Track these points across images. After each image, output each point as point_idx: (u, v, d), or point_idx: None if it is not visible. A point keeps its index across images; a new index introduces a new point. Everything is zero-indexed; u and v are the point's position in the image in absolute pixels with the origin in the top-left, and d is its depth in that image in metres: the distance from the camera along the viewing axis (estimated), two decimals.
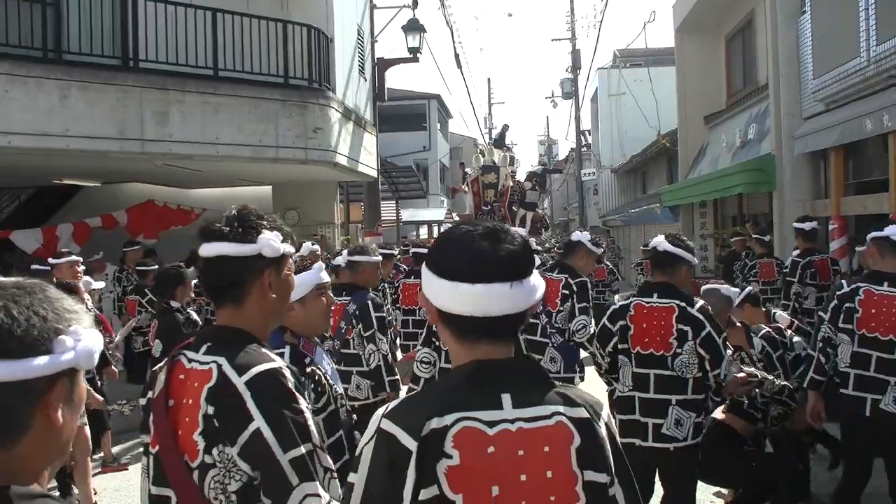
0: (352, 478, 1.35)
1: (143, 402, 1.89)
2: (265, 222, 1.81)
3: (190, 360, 1.73)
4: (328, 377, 2.49)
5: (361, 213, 17.86)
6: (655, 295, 3.78)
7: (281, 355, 2.02)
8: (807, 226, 7.04)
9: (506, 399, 1.34)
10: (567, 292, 5.39)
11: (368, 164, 13.08)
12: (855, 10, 8.15)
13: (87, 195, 13.25)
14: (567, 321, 5.36)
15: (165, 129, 8.67)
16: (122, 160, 8.96)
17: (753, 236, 9.91)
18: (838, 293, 4.20)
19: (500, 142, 19.07)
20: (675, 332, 3.67)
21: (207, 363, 1.68)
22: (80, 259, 6.95)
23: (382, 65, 14.76)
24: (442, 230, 2.20)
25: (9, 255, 11.01)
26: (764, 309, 5.10)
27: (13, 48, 7.79)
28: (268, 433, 1.58)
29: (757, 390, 4.39)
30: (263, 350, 1.73)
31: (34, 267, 6.44)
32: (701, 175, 14.34)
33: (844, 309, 4.11)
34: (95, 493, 5.51)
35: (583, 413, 1.36)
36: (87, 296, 6.01)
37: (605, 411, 1.43)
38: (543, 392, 1.37)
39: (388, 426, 1.33)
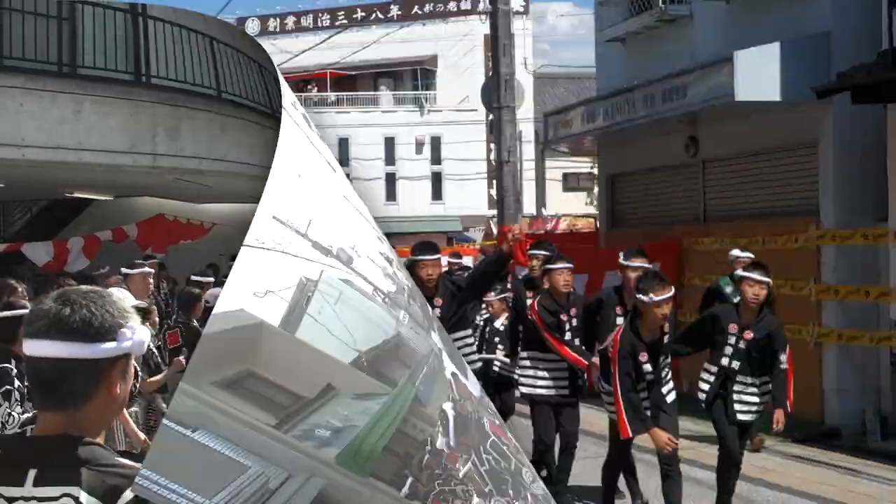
0: None
1: None
2: None
3: None
4: None
5: None
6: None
7: None
8: None
9: None
10: None
11: None
12: None
13: (97, 208, 13.35)
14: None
15: (177, 143, 8.74)
16: (134, 173, 9.02)
17: None
18: None
19: None
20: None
21: None
22: (153, 271, 7.14)
23: None
24: None
25: (19, 268, 11.09)
26: None
27: (29, 62, 7.89)
28: None
29: None
30: None
31: (118, 277, 7.08)
32: None
33: None
34: None
35: None
36: None
37: None
38: None
39: None
